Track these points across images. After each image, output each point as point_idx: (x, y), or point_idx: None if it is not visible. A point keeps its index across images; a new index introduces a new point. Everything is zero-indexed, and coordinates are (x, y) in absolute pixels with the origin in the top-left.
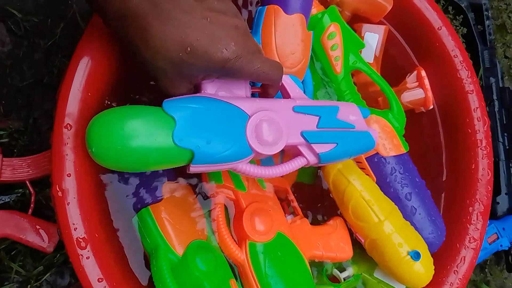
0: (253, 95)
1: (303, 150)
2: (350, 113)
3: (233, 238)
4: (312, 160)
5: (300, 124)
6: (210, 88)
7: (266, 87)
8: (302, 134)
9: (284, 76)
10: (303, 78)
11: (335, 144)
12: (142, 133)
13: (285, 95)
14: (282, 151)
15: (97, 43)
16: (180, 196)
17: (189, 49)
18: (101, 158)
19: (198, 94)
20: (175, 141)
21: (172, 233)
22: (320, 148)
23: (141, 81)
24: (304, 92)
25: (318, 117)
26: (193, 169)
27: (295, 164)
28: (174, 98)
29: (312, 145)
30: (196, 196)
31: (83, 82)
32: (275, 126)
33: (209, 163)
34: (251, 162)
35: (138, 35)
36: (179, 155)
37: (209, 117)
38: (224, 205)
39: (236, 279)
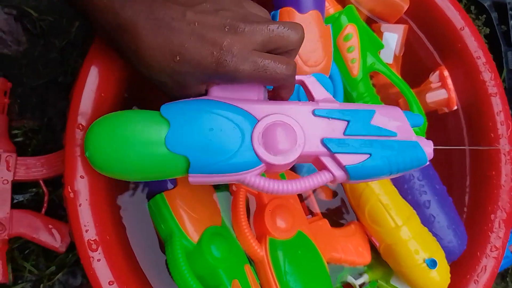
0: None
1: (327, 162)
2: (391, 118)
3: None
4: (340, 175)
5: (322, 131)
6: (216, 91)
7: (277, 89)
8: (322, 142)
9: (305, 76)
10: (329, 74)
11: (368, 155)
12: (134, 138)
13: (309, 97)
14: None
15: None
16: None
17: (178, 57)
18: (95, 163)
19: (200, 97)
20: (168, 146)
21: (186, 220)
22: (347, 160)
23: None
24: (334, 87)
25: (346, 122)
26: (193, 179)
27: (317, 180)
28: (173, 101)
29: (337, 155)
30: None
31: (97, 82)
32: (288, 132)
33: (208, 172)
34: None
35: (130, 48)
36: (174, 162)
37: (209, 121)
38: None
39: (250, 263)
